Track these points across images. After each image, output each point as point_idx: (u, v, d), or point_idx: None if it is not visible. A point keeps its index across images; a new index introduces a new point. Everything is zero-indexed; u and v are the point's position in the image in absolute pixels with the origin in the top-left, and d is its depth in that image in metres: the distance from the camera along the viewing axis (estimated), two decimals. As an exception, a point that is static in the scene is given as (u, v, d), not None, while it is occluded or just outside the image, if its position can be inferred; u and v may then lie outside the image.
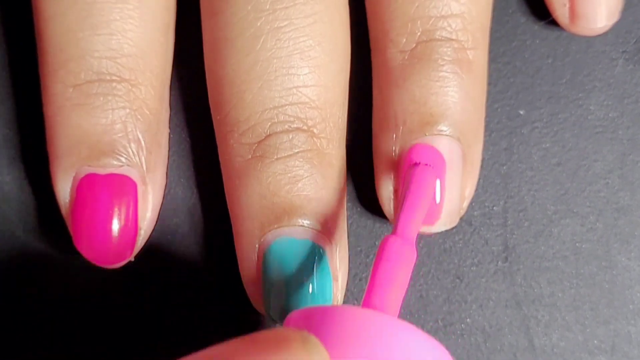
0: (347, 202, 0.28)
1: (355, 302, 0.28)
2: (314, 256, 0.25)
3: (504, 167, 0.28)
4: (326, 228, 0.25)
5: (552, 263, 0.28)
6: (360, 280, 0.28)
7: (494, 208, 0.28)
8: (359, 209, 0.28)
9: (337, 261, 0.26)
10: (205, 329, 0.27)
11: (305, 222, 0.25)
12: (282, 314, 0.25)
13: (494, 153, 0.28)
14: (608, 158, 0.28)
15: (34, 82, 0.28)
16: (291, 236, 0.25)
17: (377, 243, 0.28)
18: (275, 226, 0.25)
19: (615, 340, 0.28)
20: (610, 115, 0.28)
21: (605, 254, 0.28)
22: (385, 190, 0.26)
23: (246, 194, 0.25)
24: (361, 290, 0.28)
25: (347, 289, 0.28)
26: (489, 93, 0.28)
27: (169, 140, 0.28)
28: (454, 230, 0.28)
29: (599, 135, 0.28)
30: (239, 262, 0.26)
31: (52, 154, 0.26)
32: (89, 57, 0.25)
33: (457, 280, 0.28)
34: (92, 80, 0.25)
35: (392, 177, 0.26)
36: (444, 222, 0.26)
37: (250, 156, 0.25)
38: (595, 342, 0.28)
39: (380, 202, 0.26)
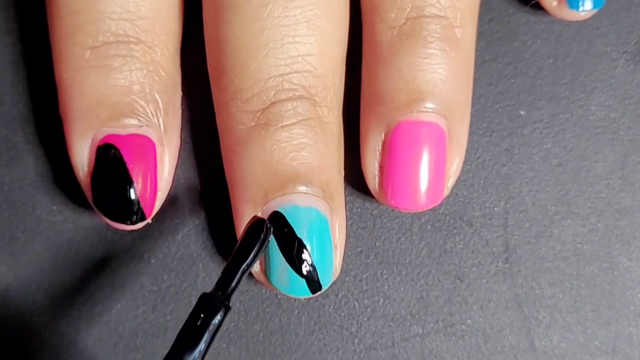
0: (347, 203, 0.28)
1: (356, 302, 0.28)
2: (317, 224, 0.25)
3: (505, 168, 0.28)
4: (328, 196, 0.25)
5: (553, 264, 0.28)
6: (360, 281, 0.28)
7: (495, 209, 0.28)
8: (359, 209, 0.28)
9: (337, 230, 0.26)
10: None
11: (309, 190, 0.25)
12: (284, 283, 0.25)
13: (495, 154, 0.28)
14: (609, 159, 0.28)
15: (33, 83, 0.28)
16: (295, 203, 0.25)
17: (377, 244, 0.28)
18: (280, 194, 0.25)
19: (616, 341, 0.28)
20: (611, 115, 0.28)
21: (607, 255, 0.28)
22: (371, 167, 0.26)
23: (249, 162, 0.25)
24: (361, 290, 0.28)
25: (347, 290, 0.28)
26: (489, 94, 0.28)
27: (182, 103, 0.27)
28: (455, 231, 0.28)
29: (600, 136, 0.28)
30: (237, 230, 0.26)
31: (68, 117, 0.26)
32: (107, 19, 0.25)
33: (458, 281, 0.28)
34: (110, 42, 0.25)
35: (378, 153, 0.26)
36: (427, 200, 0.26)
37: (253, 124, 0.25)
38: (596, 343, 0.28)
39: (366, 178, 0.26)
